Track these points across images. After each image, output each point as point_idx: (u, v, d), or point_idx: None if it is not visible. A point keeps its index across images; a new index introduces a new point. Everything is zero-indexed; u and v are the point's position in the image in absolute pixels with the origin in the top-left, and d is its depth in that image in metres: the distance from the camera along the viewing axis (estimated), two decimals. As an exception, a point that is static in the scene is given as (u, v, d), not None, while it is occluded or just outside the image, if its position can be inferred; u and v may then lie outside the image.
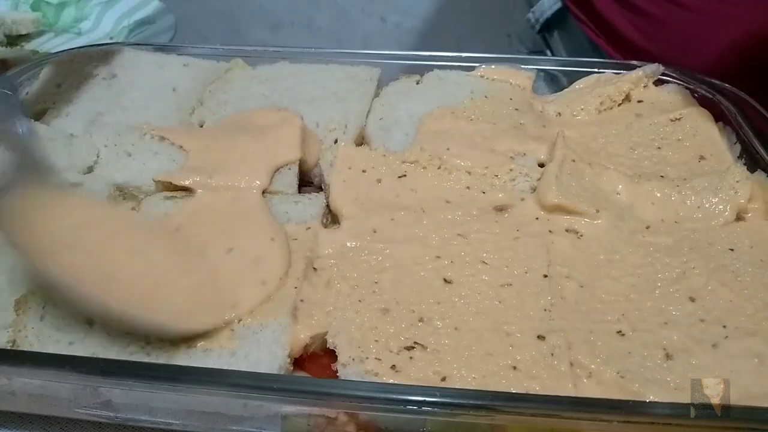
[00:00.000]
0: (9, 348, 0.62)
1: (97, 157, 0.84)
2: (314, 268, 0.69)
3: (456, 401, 0.53)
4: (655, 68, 0.95)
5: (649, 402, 0.55)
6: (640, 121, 0.89)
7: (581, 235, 0.72)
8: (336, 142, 0.87)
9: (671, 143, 0.86)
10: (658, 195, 0.76)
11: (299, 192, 0.81)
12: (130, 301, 0.59)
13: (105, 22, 1.43)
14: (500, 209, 0.76)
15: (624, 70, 0.96)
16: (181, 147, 0.84)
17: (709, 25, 1.04)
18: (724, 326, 0.62)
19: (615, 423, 0.52)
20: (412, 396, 0.53)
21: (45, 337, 0.62)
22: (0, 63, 1.14)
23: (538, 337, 0.61)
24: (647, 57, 1.10)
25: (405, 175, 0.80)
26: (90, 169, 0.83)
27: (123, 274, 0.60)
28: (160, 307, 0.60)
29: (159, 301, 0.60)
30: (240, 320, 0.62)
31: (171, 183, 0.78)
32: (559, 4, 1.27)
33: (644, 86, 0.95)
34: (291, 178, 0.80)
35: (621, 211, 0.75)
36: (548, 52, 1.33)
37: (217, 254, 0.68)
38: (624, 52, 1.16)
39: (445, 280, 0.67)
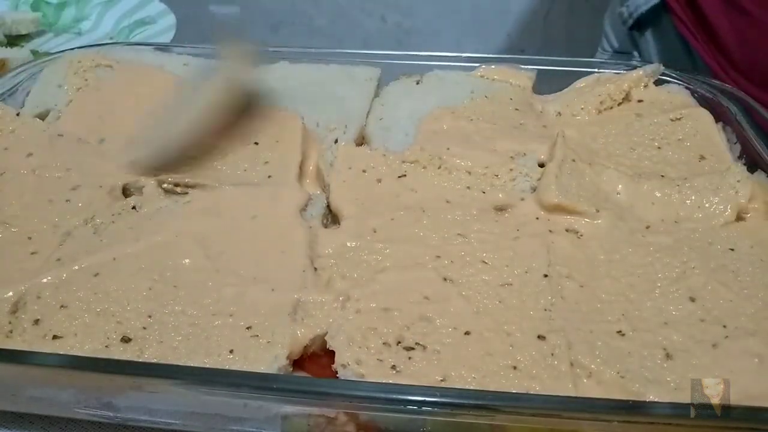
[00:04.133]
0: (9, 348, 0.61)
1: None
2: (314, 268, 0.69)
3: (456, 401, 0.53)
4: (655, 68, 0.95)
5: (649, 402, 0.55)
6: (641, 120, 0.89)
7: (581, 235, 0.72)
8: (336, 142, 0.87)
9: (671, 143, 0.86)
10: (658, 195, 0.76)
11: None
12: None
13: (105, 22, 1.44)
14: (500, 209, 0.76)
15: (624, 69, 0.96)
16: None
17: None
18: (724, 326, 0.62)
19: (615, 423, 0.52)
20: (412, 396, 0.53)
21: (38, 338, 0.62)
22: (0, 63, 1.14)
23: (538, 337, 0.61)
24: (742, 64, 1.04)
25: (405, 175, 0.80)
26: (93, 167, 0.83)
27: None
28: None
29: None
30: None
31: (172, 180, 0.79)
32: (656, 0, 1.18)
33: (644, 86, 0.95)
34: (291, 178, 0.80)
35: (621, 210, 0.75)
36: (635, 53, 1.26)
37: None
38: (718, 56, 1.09)
39: (445, 280, 0.67)
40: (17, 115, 0.88)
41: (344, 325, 0.62)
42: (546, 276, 0.67)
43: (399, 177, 0.80)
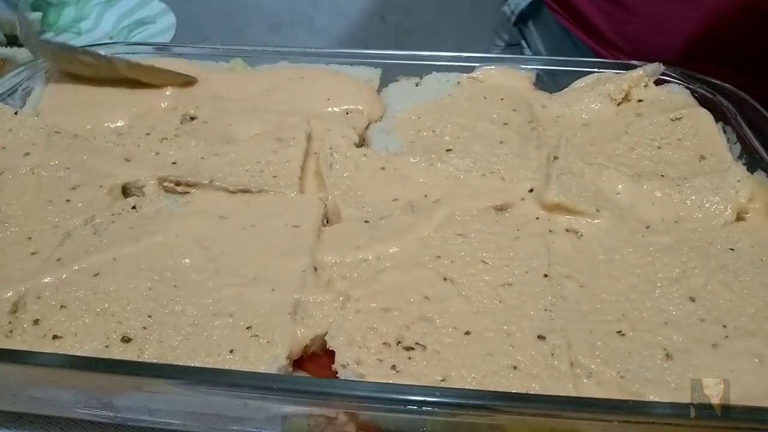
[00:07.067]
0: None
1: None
2: (314, 268, 0.69)
3: (456, 401, 0.53)
4: (655, 68, 0.95)
5: (649, 402, 0.55)
6: (640, 120, 0.89)
7: (581, 235, 0.72)
8: (336, 143, 0.87)
9: (671, 143, 0.86)
10: (658, 195, 0.76)
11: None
12: None
13: (105, 22, 1.44)
14: (501, 209, 0.76)
15: (624, 69, 0.96)
16: (180, 147, 0.84)
17: (676, 9, 1.06)
18: (724, 326, 0.62)
19: (615, 423, 0.52)
20: (412, 396, 0.53)
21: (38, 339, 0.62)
22: (0, 63, 1.14)
23: (539, 337, 0.61)
24: (617, 43, 1.13)
25: (405, 175, 0.80)
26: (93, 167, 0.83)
27: None
28: None
29: None
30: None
31: (172, 180, 0.79)
32: None
33: (644, 85, 0.95)
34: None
35: (621, 210, 0.75)
36: (523, 42, 1.35)
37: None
38: (597, 39, 1.18)
39: (445, 280, 0.67)
40: (15, 113, 0.88)
41: (344, 325, 0.62)
42: (546, 276, 0.67)
43: (399, 177, 0.80)
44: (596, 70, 0.98)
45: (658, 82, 0.96)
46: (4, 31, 1.30)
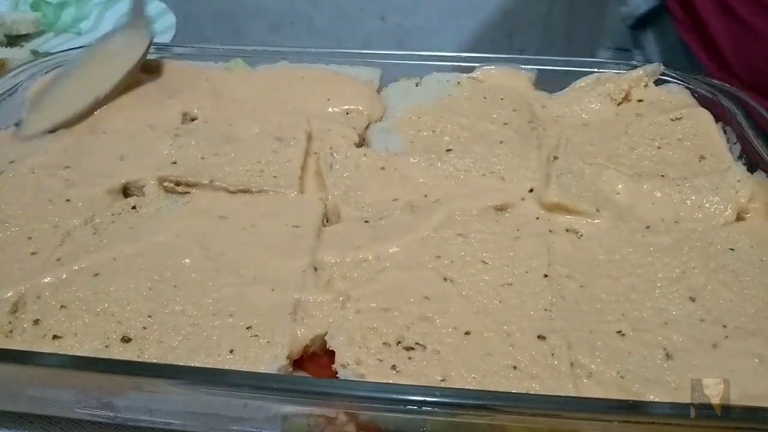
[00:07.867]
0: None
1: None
2: (314, 268, 0.69)
3: (456, 401, 0.53)
4: (655, 67, 0.95)
5: (649, 402, 0.55)
6: (641, 120, 0.89)
7: (581, 235, 0.72)
8: (336, 143, 0.87)
9: (671, 143, 0.86)
10: (658, 195, 0.76)
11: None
12: None
13: (105, 21, 1.44)
14: (500, 209, 0.76)
15: (624, 69, 0.96)
16: (180, 147, 0.84)
17: None
18: (725, 326, 0.62)
19: (615, 423, 0.52)
20: (412, 396, 0.53)
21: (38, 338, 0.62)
22: (0, 63, 1.14)
23: (539, 337, 0.61)
24: (735, 66, 1.07)
25: (405, 175, 0.80)
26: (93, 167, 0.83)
27: None
28: None
29: None
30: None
31: (172, 180, 0.79)
32: (655, 1, 1.22)
33: (644, 85, 0.95)
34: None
35: (621, 210, 0.75)
36: (636, 51, 1.29)
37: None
38: (715, 58, 1.12)
39: (445, 280, 0.67)
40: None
41: (344, 325, 0.62)
42: (546, 276, 0.67)
43: (399, 177, 0.80)
44: (596, 70, 0.98)
45: (658, 82, 0.96)
46: (3, 31, 1.30)
